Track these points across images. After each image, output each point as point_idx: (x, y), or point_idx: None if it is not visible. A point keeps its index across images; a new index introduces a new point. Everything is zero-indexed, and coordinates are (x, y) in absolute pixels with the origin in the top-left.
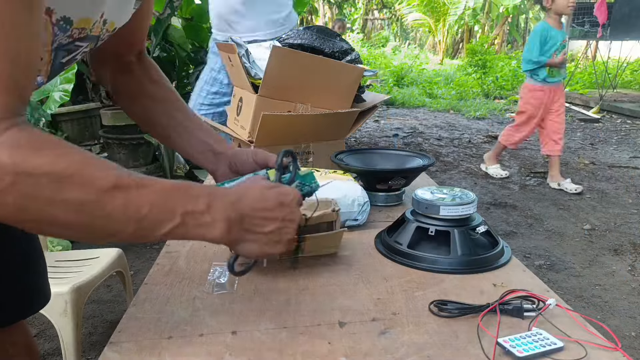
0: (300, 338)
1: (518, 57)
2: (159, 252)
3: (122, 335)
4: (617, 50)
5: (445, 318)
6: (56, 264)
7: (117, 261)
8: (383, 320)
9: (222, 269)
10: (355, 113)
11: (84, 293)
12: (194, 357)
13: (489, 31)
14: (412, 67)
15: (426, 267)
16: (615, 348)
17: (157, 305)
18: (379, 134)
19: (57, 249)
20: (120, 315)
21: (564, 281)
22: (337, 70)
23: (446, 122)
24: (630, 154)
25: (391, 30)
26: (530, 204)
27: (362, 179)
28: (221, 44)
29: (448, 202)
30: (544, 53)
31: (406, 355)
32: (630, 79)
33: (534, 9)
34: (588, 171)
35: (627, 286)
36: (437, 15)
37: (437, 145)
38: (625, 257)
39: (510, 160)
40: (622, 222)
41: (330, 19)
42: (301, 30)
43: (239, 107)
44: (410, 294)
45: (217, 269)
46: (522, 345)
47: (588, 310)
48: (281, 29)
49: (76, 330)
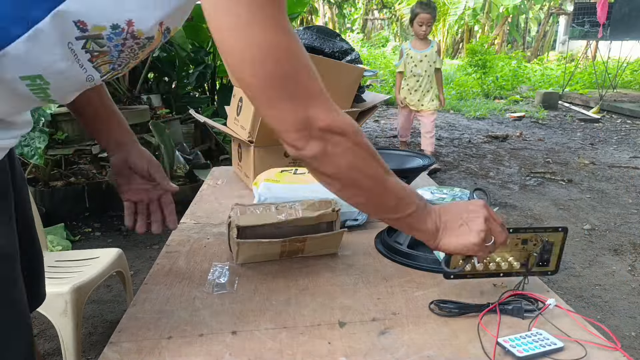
0: (300, 338)
1: (518, 57)
2: (159, 252)
3: (122, 335)
4: (617, 50)
5: (445, 318)
6: (56, 264)
7: (117, 261)
8: (383, 320)
9: (222, 269)
10: (355, 113)
11: (84, 293)
12: (194, 357)
13: (489, 31)
14: None
15: (426, 267)
16: (615, 348)
17: (157, 305)
18: (379, 134)
19: (57, 249)
20: (120, 315)
21: (564, 281)
22: (337, 70)
23: (446, 122)
24: (630, 154)
25: (391, 30)
26: (530, 204)
27: None
28: None
29: (448, 202)
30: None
31: (406, 355)
32: (630, 79)
33: (534, 8)
34: (588, 171)
35: (627, 286)
36: (437, 15)
37: (437, 145)
38: (625, 257)
39: (511, 160)
40: (622, 222)
41: (330, 19)
42: (301, 30)
43: (239, 107)
44: (410, 294)
45: (217, 268)
46: (522, 345)
47: (588, 310)
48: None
49: (76, 330)
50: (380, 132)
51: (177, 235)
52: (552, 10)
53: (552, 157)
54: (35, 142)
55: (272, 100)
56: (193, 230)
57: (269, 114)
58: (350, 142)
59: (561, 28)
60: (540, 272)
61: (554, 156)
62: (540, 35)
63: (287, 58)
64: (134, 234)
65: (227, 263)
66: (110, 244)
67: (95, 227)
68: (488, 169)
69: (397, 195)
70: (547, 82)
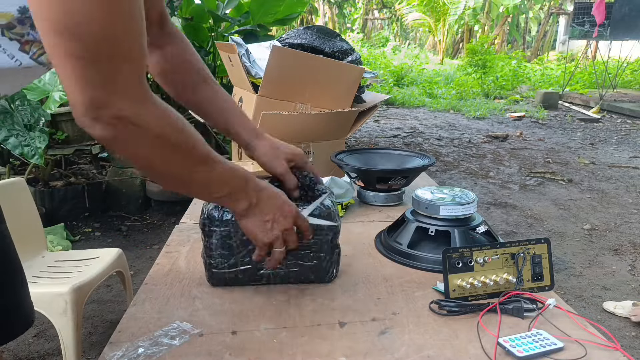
0: (300, 338)
1: (518, 56)
2: (158, 252)
3: (122, 335)
4: (617, 50)
5: (445, 318)
6: (56, 264)
7: (117, 261)
8: (383, 320)
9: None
10: (355, 113)
11: (84, 293)
12: (193, 357)
13: (489, 31)
14: (412, 67)
15: (426, 267)
16: (614, 348)
17: (157, 305)
18: (379, 134)
19: (57, 249)
20: (120, 315)
21: (564, 281)
22: (337, 70)
23: (446, 122)
24: (630, 154)
25: (391, 30)
26: (530, 204)
27: (362, 178)
28: (221, 44)
29: (448, 202)
30: None
31: (406, 355)
32: (630, 78)
33: (534, 8)
34: (588, 171)
35: (627, 286)
36: (437, 15)
37: (437, 145)
38: (625, 257)
39: (511, 160)
40: (622, 222)
41: (330, 19)
42: (301, 30)
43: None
44: (410, 294)
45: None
46: (522, 345)
47: (588, 310)
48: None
49: (76, 330)
50: (380, 132)
51: (177, 235)
52: (552, 10)
53: (552, 157)
54: (35, 142)
55: (75, 69)
56: (193, 230)
57: (65, 83)
58: (149, 135)
59: (561, 28)
60: (538, 287)
61: (554, 156)
62: (540, 35)
63: (105, 35)
64: (134, 233)
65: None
66: (110, 244)
67: (95, 227)
68: (488, 169)
69: (206, 183)
70: (547, 82)
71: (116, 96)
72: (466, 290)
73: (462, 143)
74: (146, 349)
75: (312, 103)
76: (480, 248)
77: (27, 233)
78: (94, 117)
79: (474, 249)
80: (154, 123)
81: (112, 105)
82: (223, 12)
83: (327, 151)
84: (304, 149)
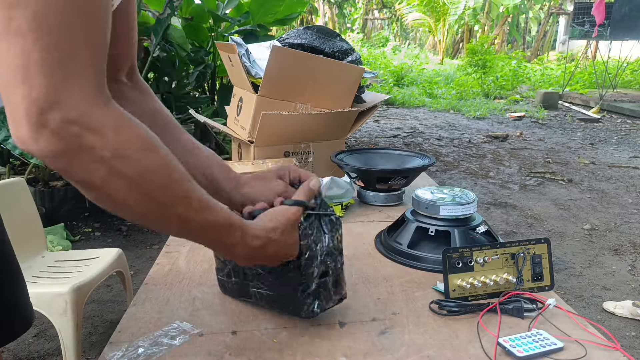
0: (300, 338)
1: (518, 56)
2: (158, 252)
3: (122, 335)
4: (617, 50)
5: (445, 318)
6: (56, 264)
7: (117, 261)
8: (383, 320)
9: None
10: (355, 113)
11: (84, 293)
12: (193, 357)
13: (489, 31)
14: (412, 67)
15: (426, 267)
16: (614, 348)
17: (157, 305)
18: (379, 134)
19: (57, 249)
20: (120, 315)
21: (564, 281)
22: (337, 70)
23: (446, 122)
24: (630, 154)
25: (391, 30)
26: (530, 204)
27: (362, 178)
28: (221, 44)
29: (448, 202)
30: None
31: (406, 355)
32: (630, 78)
33: (534, 8)
34: (588, 171)
35: (627, 286)
36: (437, 15)
37: (437, 145)
38: (625, 257)
39: (511, 160)
40: (622, 222)
41: (330, 19)
42: (301, 30)
43: (239, 107)
44: (410, 294)
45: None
46: (522, 345)
47: (588, 310)
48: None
49: (76, 330)
50: (380, 132)
51: None
52: (552, 10)
53: (552, 157)
54: None
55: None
56: None
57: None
58: (108, 147)
59: (561, 28)
60: (538, 287)
61: (554, 156)
62: (540, 35)
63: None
64: (134, 233)
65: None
66: (110, 244)
67: (95, 227)
68: (488, 169)
69: (190, 228)
70: (547, 82)
71: (67, 93)
72: (466, 290)
73: (462, 143)
74: (146, 349)
75: (312, 103)
76: (480, 248)
77: (27, 233)
78: (36, 122)
79: (474, 249)
80: (107, 129)
81: (62, 103)
82: (223, 12)
83: (327, 151)
84: (304, 149)
